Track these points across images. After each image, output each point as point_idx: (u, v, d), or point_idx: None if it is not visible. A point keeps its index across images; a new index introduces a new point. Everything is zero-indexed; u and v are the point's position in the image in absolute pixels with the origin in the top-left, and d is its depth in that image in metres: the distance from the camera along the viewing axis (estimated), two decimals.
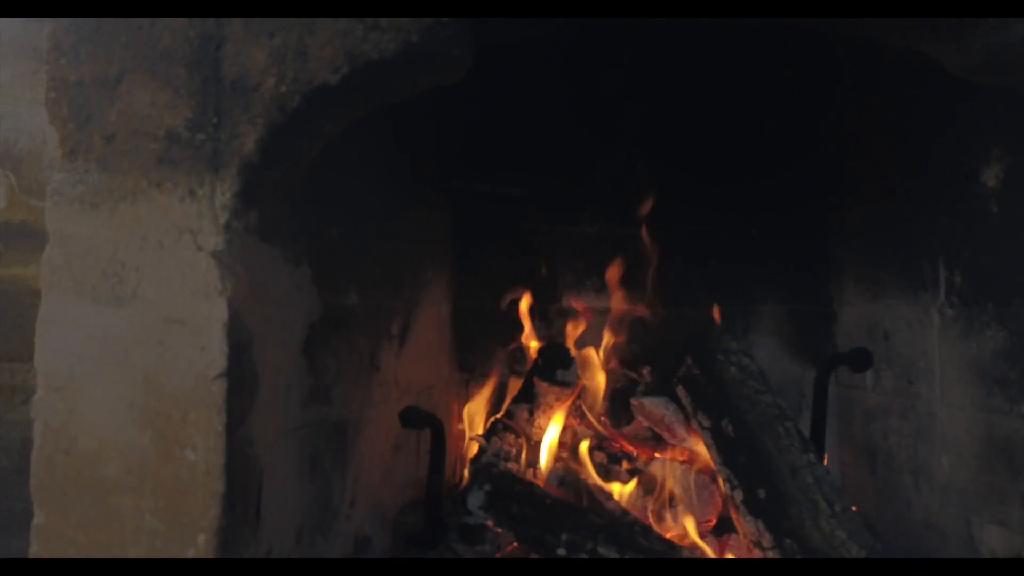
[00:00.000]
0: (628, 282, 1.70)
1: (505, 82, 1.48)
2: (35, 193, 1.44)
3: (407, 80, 0.98)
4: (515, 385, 1.62)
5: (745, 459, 1.30)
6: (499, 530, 1.29)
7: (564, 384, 1.46)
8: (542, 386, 1.44)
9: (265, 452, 0.97)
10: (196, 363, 0.89)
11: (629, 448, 1.50)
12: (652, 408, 1.44)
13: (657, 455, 1.49)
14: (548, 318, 1.75)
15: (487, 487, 1.30)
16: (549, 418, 1.45)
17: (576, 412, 1.49)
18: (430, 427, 1.29)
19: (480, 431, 1.68)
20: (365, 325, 1.33)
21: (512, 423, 1.45)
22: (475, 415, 1.73)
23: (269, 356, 0.99)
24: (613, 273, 1.70)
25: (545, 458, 1.42)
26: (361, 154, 1.24)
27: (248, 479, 0.94)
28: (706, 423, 1.36)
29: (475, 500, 1.30)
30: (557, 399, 1.44)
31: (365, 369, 1.33)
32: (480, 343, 1.83)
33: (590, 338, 1.67)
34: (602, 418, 1.52)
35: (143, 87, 0.91)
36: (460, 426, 1.69)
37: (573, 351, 1.52)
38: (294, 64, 0.90)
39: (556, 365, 1.46)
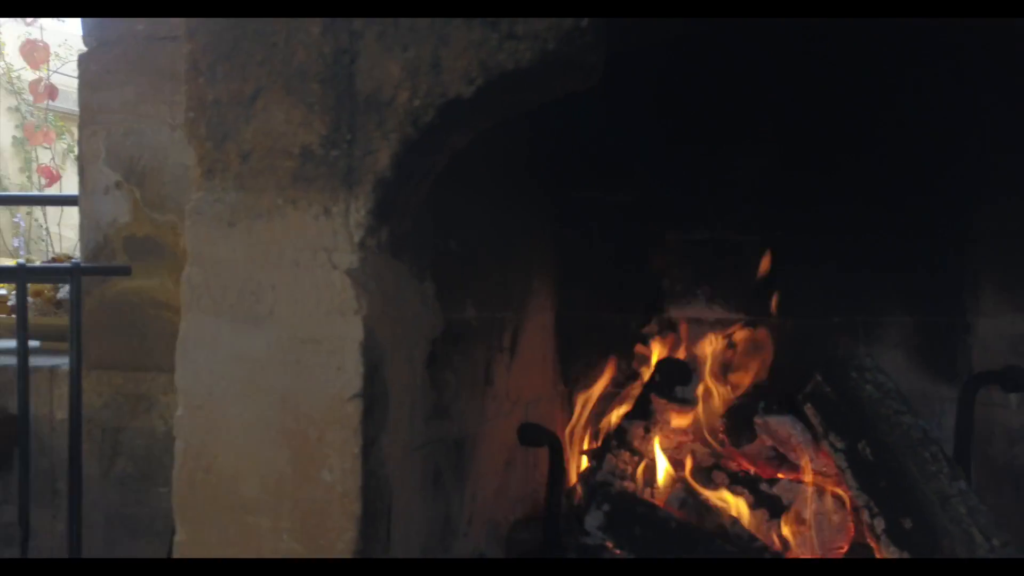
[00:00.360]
0: (744, 291, 1.62)
1: (613, 84, 1.44)
2: (157, 207, 1.48)
3: (539, 89, 0.95)
4: (623, 399, 1.57)
5: (886, 485, 1.21)
6: (619, 552, 1.24)
7: (683, 401, 1.39)
8: (659, 403, 1.38)
9: (394, 472, 0.96)
10: (332, 383, 0.88)
11: (750, 468, 1.42)
12: (777, 427, 1.36)
13: (780, 476, 1.40)
14: (656, 330, 1.69)
15: (606, 507, 1.25)
16: (666, 436, 1.39)
17: (693, 430, 1.43)
18: (548, 445, 1.25)
19: (585, 446, 1.64)
20: (480, 338, 1.30)
21: (626, 440, 1.40)
22: (579, 429, 1.69)
23: (397, 374, 0.97)
24: (728, 281, 1.62)
25: (663, 478, 1.36)
26: (473, 163, 1.21)
27: (380, 500, 0.92)
28: (840, 445, 1.28)
29: (593, 520, 1.25)
30: (675, 416, 1.38)
31: (480, 383, 1.30)
32: (583, 354, 1.79)
33: (703, 351, 1.60)
34: (720, 435, 1.45)
35: (278, 104, 0.90)
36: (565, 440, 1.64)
37: (689, 366, 1.45)
38: (428, 77, 0.88)
39: (675, 381, 1.40)
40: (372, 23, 0.89)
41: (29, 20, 3.56)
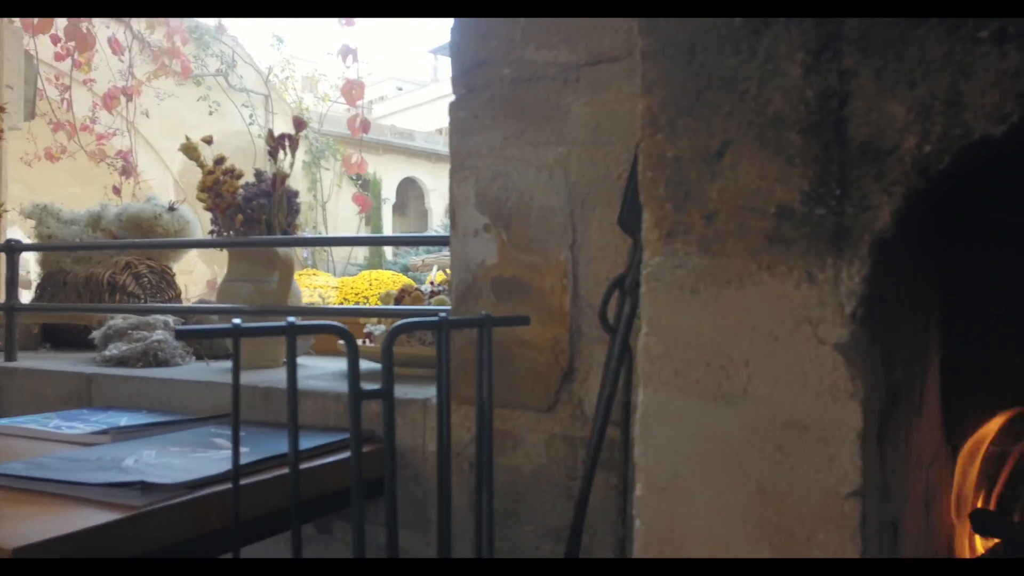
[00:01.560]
0: None
1: None
2: (523, 248, 1.49)
3: None
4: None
5: None
6: None
7: None
8: None
9: None
10: (823, 476, 0.77)
11: None
12: None
13: None
14: None
15: None
16: None
17: None
18: (1005, 538, 1.04)
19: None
20: (904, 400, 1.13)
21: None
22: (966, 494, 1.44)
23: (868, 456, 0.84)
24: None
25: None
26: None
27: None
28: None
29: None
30: None
31: (903, 452, 1.13)
32: (969, 404, 1.53)
33: None
34: None
35: (749, 159, 0.81)
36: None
37: None
38: (943, 117, 0.74)
39: None
40: (868, 59, 0.77)
41: (349, 61, 3.99)
